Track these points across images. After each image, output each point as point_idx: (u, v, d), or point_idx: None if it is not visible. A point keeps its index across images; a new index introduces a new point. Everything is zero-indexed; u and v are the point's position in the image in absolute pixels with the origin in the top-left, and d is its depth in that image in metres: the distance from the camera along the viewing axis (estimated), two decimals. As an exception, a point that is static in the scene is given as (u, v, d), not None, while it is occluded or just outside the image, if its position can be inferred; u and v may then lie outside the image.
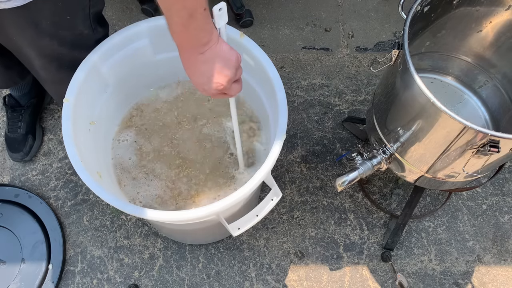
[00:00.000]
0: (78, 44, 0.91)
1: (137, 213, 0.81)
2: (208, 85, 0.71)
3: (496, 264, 1.27)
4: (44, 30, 0.83)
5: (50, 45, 0.87)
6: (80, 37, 0.91)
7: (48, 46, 0.87)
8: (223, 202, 0.80)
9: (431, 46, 1.11)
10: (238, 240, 1.28)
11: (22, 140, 1.33)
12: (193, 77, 0.72)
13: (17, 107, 1.35)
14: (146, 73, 1.07)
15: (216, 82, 0.70)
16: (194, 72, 0.71)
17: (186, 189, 1.05)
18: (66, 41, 0.88)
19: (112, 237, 1.28)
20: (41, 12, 0.80)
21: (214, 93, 0.74)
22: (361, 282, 1.24)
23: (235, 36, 0.93)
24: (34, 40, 0.86)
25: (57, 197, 1.33)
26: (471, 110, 1.18)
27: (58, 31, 0.85)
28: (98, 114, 0.99)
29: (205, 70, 0.69)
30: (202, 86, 0.73)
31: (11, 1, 0.74)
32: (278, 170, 1.37)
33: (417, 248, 1.28)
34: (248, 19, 1.57)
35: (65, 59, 0.91)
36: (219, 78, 0.70)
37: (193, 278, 1.24)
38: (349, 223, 1.31)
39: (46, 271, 1.22)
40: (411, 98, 0.86)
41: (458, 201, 1.34)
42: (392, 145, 1.00)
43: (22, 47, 0.88)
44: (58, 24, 0.84)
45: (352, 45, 1.58)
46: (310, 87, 1.49)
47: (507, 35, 1.02)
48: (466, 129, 0.78)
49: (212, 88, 0.72)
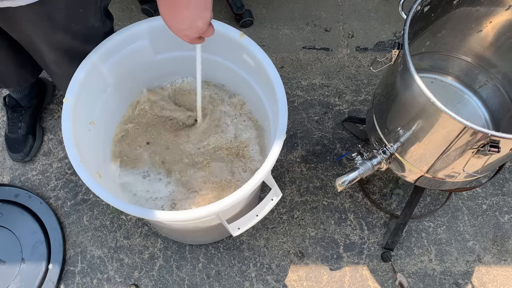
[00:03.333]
0: (89, 37, 0.91)
1: (137, 213, 0.81)
2: (190, 30, 0.74)
3: (496, 264, 1.27)
4: (58, 24, 0.84)
5: (64, 38, 0.87)
6: (91, 30, 0.91)
7: (62, 40, 0.87)
8: (223, 202, 0.80)
9: (431, 46, 1.11)
10: (238, 240, 1.28)
11: (23, 140, 1.33)
12: (173, 22, 0.73)
13: (17, 108, 1.35)
14: (146, 73, 1.07)
15: (198, 26, 0.73)
16: (174, 16, 0.72)
17: (186, 189, 1.05)
18: (78, 34, 0.89)
19: (112, 237, 1.28)
20: (56, 6, 0.80)
21: (195, 38, 0.77)
22: (361, 282, 1.24)
23: (235, 36, 0.93)
24: (48, 35, 0.86)
25: (57, 197, 1.32)
26: (471, 110, 1.18)
27: (71, 24, 0.86)
28: (98, 114, 0.99)
29: (188, 15, 0.71)
30: (183, 32, 0.75)
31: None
32: (278, 170, 1.37)
33: (417, 248, 1.28)
34: (248, 19, 1.57)
35: (77, 52, 0.91)
36: (200, 22, 0.72)
37: (193, 278, 1.24)
38: (349, 223, 1.31)
39: (46, 271, 1.22)
40: (411, 98, 0.86)
41: (458, 201, 1.34)
42: (392, 145, 1.00)
43: (35, 42, 0.88)
44: (71, 17, 0.85)
45: (352, 45, 1.58)
46: (310, 87, 1.49)
47: (507, 35, 1.02)
48: (466, 129, 0.78)
49: (195, 33, 0.74)
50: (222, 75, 1.10)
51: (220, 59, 1.04)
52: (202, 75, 0.97)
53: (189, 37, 0.76)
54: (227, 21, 1.59)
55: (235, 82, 1.10)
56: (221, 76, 1.11)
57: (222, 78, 1.12)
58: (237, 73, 1.04)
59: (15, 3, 0.74)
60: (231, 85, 1.13)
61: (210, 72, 1.08)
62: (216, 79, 1.13)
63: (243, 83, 1.05)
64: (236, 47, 0.96)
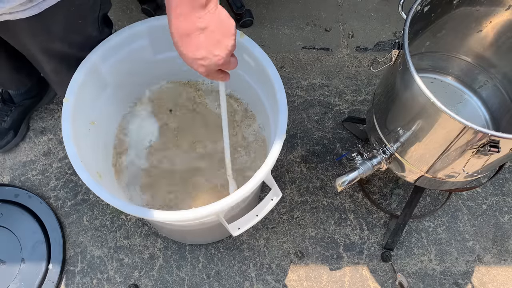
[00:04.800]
0: (87, 45, 0.91)
1: (137, 213, 0.81)
2: (207, 60, 0.62)
3: (496, 264, 1.27)
4: (56, 35, 0.84)
5: (60, 48, 0.87)
6: (89, 39, 0.91)
7: (58, 48, 0.87)
8: (223, 202, 0.80)
9: (431, 46, 1.11)
10: (238, 240, 1.28)
11: (3, 133, 1.34)
12: (187, 50, 0.62)
13: (9, 102, 1.36)
14: (146, 73, 1.07)
15: (216, 55, 0.61)
16: (188, 44, 0.61)
17: (186, 189, 1.05)
18: (75, 43, 0.89)
19: (112, 237, 1.28)
20: (54, 18, 0.80)
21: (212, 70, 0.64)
22: (361, 282, 1.24)
23: (235, 36, 0.93)
24: (45, 45, 0.86)
25: (57, 197, 1.32)
26: (471, 110, 1.18)
27: (69, 35, 0.86)
28: (98, 114, 0.99)
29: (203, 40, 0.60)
30: (199, 62, 0.62)
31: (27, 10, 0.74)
32: (278, 170, 1.37)
33: (417, 248, 1.28)
34: (248, 19, 1.57)
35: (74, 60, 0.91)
36: (219, 50, 0.61)
37: (193, 278, 1.24)
38: (349, 223, 1.31)
39: (46, 271, 1.22)
40: (411, 98, 0.86)
41: (458, 201, 1.34)
42: (392, 145, 1.00)
43: (33, 52, 0.88)
44: (69, 29, 0.84)
45: (352, 45, 1.58)
46: (310, 87, 1.49)
47: (507, 35, 1.02)
48: (466, 129, 0.78)
49: (213, 63, 0.62)
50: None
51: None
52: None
53: (207, 69, 0.63)
54: None
55: (235, 82, 1.09)
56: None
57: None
58: (237, 73, 1.04)
59: (15, 16, 0.74)
60: (231, 85, 1.13)
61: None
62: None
63: (243, 83, 1.05)
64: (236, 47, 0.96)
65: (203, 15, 0.59)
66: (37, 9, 0.74)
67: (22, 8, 0.73)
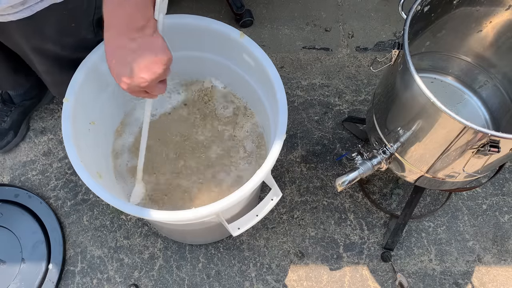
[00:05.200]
0: (80, 47, 0.91)
1: (137, 213, 0.81)
2: (130, 79, 0.63)
3: (496, 264, 1.27)
4: (48, 37, 0.84)
5: (53, 49, 0.87)
6: (83, 41, 0.91)
7: (51, 49, 0.87)
8: (223, 202, 0.80)
9: (431, 46, 1.11)
10: (238, 240, 1.28)
11: (3, 133, 1.34)
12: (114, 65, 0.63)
13: (9, 103, 1.36)
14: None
15: (141, 77, 0.62)
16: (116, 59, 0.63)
17: (187, 189, 1.05)
18: (68, 46, 0.89)
19: (112, 237, 1.28)
20: (46, 21, 0.80)
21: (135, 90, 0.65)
22: (361, 282, 1.24)
23: (235, 36, 0.93)
24: (38, 46, 0.86)
25: (57, 197, 1.32)
26: (471, 110, 1.18)
27: (62, 37, 0.86)
28: (98, 114, 0.99)
29: (131, 60, 0.61)
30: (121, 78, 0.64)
31: (19, 12, 0.74)
32: (278, 170, 1.37)
33: (417, 248, 1.28)
34: (248, 19, 1.57)
35: (67, 61, 0.91)
36: (145, 73, 0.62)
37: (193, 278, 1.24)
38: (349, 223, 1.31)
39: (46, 271, 1.22)
40: (411, 98, 0.86)
41: (458, 201, 1.34)
42: (392, 145, 1.00)
43: (26, 52, 0.89)
44: (62, 32, 0.85)
45: (352, 45, 1.58)
46: (310, 87, 1.49)
47: (507, 35, 1.02)
48: (466, 129, 0.78)
49: (135, 83, 0.63)
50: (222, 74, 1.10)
51: (220, 58, 1.04)
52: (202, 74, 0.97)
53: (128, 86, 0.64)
54: (227, 21, 1.58)
55: (235, 82, 1.09)
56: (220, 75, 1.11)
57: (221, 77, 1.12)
58: (237, 73, 1.04)
59: (6, 18, 0.74)
60: (231, 85, 1.13)
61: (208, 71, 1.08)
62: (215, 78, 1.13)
63: (243, 83, 1.05)
64: (236, 47, 0.96)
65: (137, 37, 0.60)
66: (29, 11, 0.74)
67: (13, 11, 0.73)
